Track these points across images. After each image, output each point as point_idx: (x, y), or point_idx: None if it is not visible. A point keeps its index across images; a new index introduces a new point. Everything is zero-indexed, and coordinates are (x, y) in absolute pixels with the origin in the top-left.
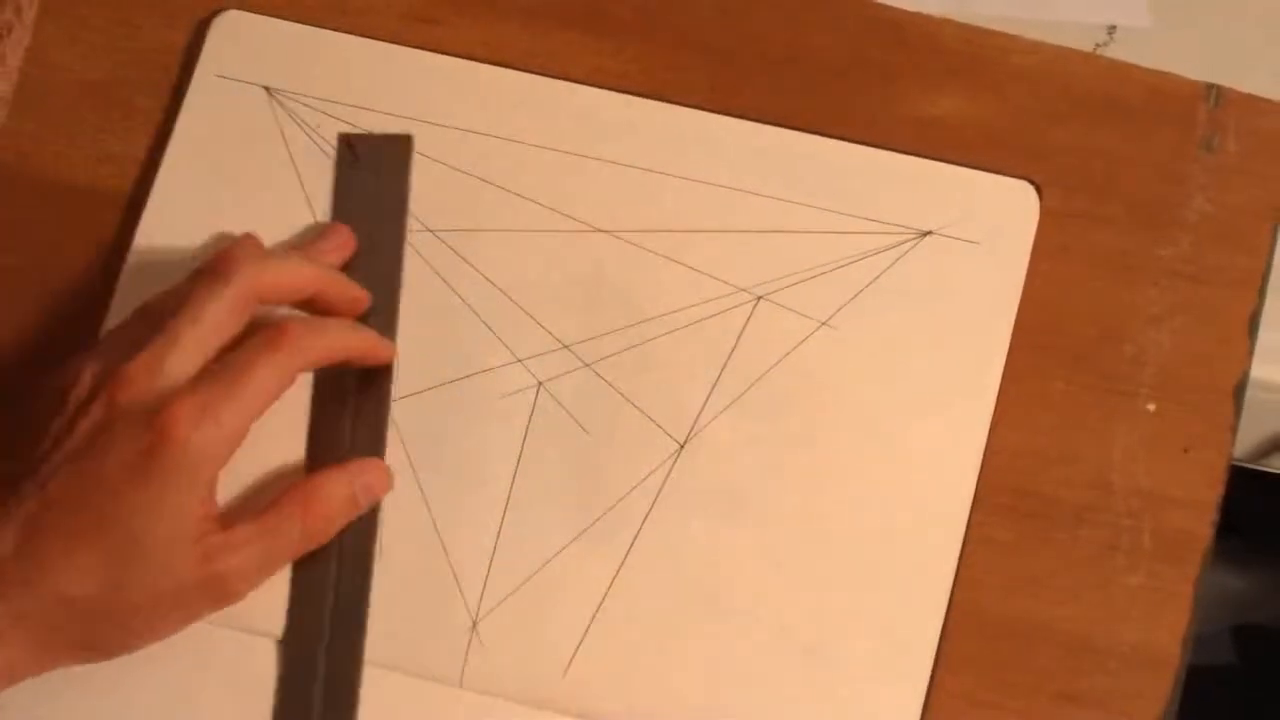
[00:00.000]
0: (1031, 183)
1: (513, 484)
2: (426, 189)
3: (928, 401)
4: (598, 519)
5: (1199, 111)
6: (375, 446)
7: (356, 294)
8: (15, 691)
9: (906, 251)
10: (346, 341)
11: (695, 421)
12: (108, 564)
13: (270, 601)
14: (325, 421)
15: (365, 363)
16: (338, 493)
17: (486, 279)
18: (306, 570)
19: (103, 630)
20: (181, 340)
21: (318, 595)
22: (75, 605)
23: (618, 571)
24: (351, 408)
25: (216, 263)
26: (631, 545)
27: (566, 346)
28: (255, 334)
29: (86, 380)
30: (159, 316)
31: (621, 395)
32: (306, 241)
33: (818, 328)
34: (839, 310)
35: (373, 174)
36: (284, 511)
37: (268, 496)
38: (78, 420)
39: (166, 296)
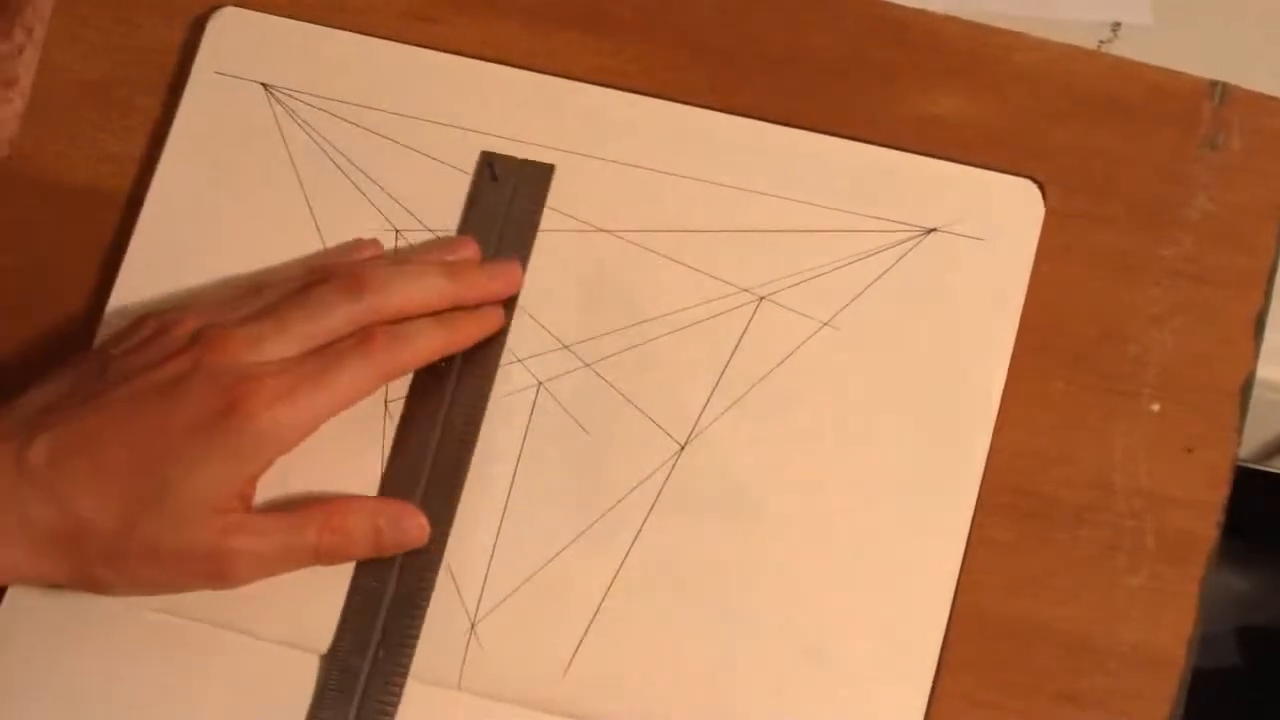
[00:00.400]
0: (1034, 181)
1: (513, 484)
2: (425, 188)
3: (930, 401)
4: (598, 519)
5: (1203, 109)
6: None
7: (494, 290)
8: (15, 694)
9: (910, 249)
10: (435, 348)
11: (696, 422)
12: (131, 503)
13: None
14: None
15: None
16: (361, 521)
17: None
18: (361, 590)
19: (100, 563)
20: (290, 331)
21: (370, 615)
22: (86, 531)
23: (617, 572)
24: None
25: (353, 277)
26: (631, 546)
27: (566, 347)
28: (348, 337)
29: (183, 331)
30: (274, 303)
31: (622, 395)
32: (435, 248)
33: (820, 328)
34: (841, 310)
35: (507, 195)
36: (306, 518)
37: (302, 499)
38: (159, 365)
39: (289, 286)
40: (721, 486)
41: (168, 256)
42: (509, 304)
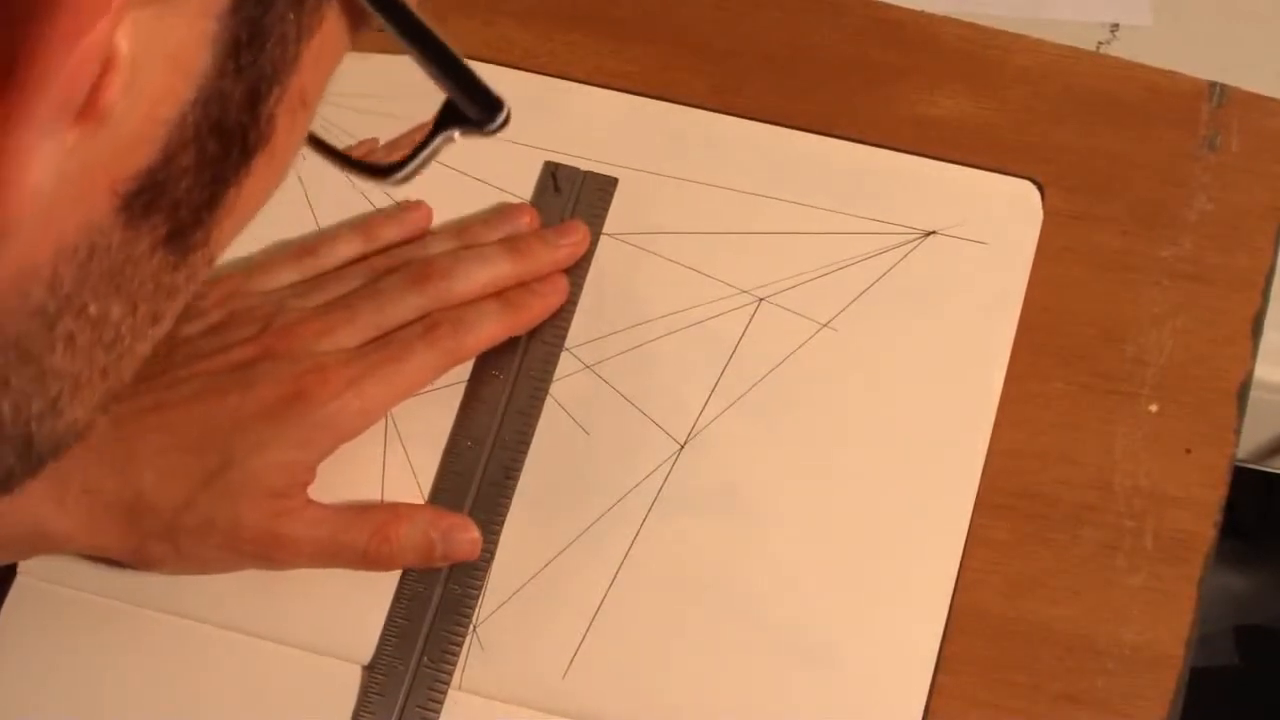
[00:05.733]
0: (1034, 182)
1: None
2: (424, 190)
3: (930, 402)
4: (598, 519)
5: (1201, 110)
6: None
7: (559, 259)
8: (10, 701)
9: (909, 252)
10: (498, 332)
11: (695, 422)
12: (192, 480)
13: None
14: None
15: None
16: (414, 530)
17: None
18: (408, 595)
19: (155, 538)
20: (359, 321)
21: (416, 620)
22: (146, 505)
23: (617, 573)
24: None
25: (419, 267)
26: (631, 546)
27: (567, 348)
28: (413, 325)
29: (254, 316)
30: (344, 294)
31: (622, 396)
32: (495, 221)
33: (819, 329)
34: (841, 312)
35: (569, 205)
36: (360, 519)
37: (363, 500)
38: (229, 350)
39: (357, 277)
40: (721, 487)
41: None
42: (581, 263)
